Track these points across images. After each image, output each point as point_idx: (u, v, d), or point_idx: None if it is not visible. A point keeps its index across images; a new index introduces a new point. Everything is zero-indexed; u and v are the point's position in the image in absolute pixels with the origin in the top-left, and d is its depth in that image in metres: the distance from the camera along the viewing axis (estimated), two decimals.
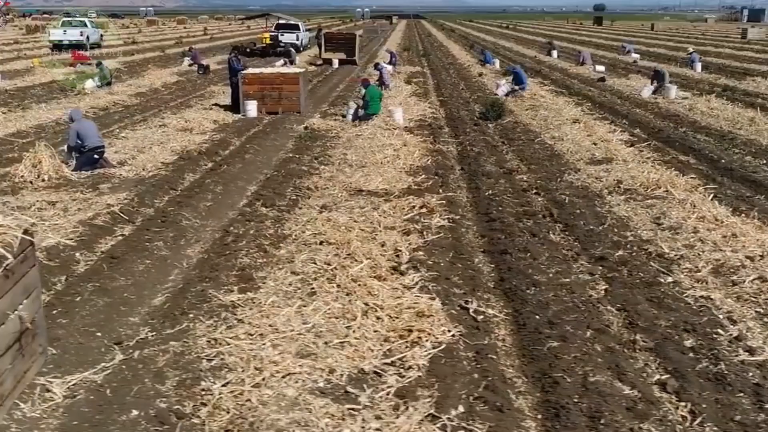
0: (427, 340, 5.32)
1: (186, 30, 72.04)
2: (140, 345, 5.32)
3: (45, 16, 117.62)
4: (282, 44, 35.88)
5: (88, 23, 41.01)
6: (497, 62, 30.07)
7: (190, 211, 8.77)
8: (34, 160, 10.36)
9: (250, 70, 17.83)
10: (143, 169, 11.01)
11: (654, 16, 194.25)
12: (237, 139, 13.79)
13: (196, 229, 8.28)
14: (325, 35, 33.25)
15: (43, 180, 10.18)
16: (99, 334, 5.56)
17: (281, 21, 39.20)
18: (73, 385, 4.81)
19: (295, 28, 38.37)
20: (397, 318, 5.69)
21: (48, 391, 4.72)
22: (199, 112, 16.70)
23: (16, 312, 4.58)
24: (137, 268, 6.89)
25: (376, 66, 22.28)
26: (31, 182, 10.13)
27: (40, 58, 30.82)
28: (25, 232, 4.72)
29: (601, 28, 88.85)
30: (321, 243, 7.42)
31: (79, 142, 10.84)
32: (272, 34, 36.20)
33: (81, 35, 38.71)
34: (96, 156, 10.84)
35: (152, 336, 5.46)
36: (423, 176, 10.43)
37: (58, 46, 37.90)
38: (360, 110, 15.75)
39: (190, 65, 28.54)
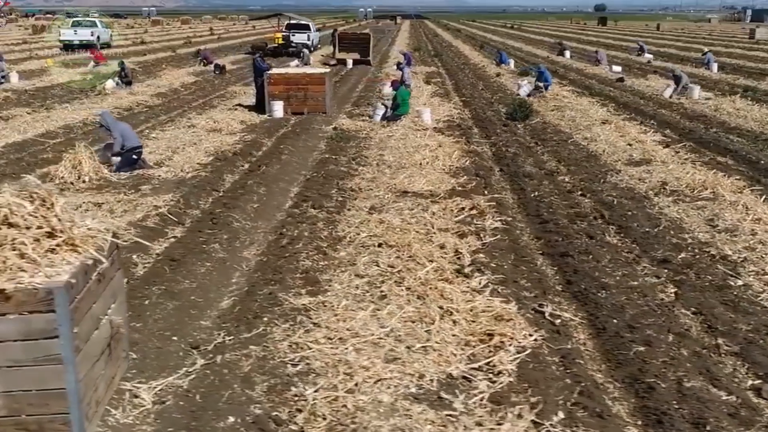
0: (510, 345, 5.25)
1: (192, 30, 71.98)
2: (219, 349, 5.25)
3: (48, 15, 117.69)
4: (293, 44, 35.83)
5: (98, 23, 40.96)
6: (512, 62, 30.00)
7: (238, 212, 8.69)
8: (74, 161, 10.29)
9: (276, 71, 17.76)
10: (181, 170, 10.96)
11: (656, 16, 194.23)
12: (268, 139, 13.72)
13: (247, 231, 8.21)
14: (339, 35, 33.19)
15: (84, 181, 10.12)
16: (175, 338, 5.49)
17: (292, 21, 39.12)
18: (159, 390, 4.73)
19: (306, 28, 38.31)
20: (473, 321, 5.62)
21: (136, 396, 4.65)
22: (224, 113, 16.64)
23: (107, 316, 4.52)
24: (198, 271, 6.81)
25: (399, 66, 22.21)
26: (71, 183, 10.07)
27: (53, 58, 30.73)
28: (113, 235, 4.66)
29: (606, 28, 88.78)
30: (379, 245, 7.35)
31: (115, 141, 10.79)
32: (284, 34, 36.11)
33: (92, 35, 38.68)
34: (135, 157, 10.77)
35: (230, 340, 5.39)
36: (465, 177, 10.36)
37: (68, 46, 37.87)
38: (388, 111, 15.68)
39: (204, 65, 28.48)
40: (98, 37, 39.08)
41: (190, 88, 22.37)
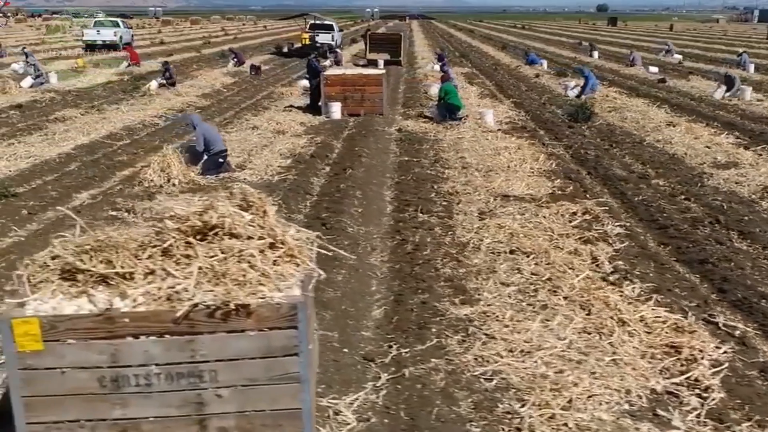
0: (702, 358, 5.05)
1: (205, 30, 71.70)
2: (400, 362, 5.05)
3: (55, 15, 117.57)
4: (318, 44, 35.61)
5: (120, 23, 40.75)
6: (545, 63, 29.77)
7: (346, 217, 8.49)
8: (163, 163, 10.10)
9: (332, 71, 17.57)
10: (265, 173, 10.78)
11: (661, 16, 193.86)
12: (335, 141, 13.52)
13: (363, 236, 8.00)
14: (370, 36, 32.99)
15: (174, 185, 9.93)
16: (345, 350, 5.29)
17: (316, 21, 38.92)
18: (357, 407, 4.54)
19: (330, 28, 38.07)
20: (650, 333, 5.43)
21: (338, 414, 4.45)
22: (280, 114, 16.46)
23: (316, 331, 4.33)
24: (336, 278, 6.60)
25: (442, 66, 22.01)
26: (161, 186, 9.89)
27: (82, 58, 30.46)
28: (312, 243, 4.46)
29: (616, 28, 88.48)
30: (511, 252, 7.16)
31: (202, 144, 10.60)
32: (309, 34, 35.91)
33: (115, 35, 38.45)
34: (221, 160, 10.58)
35: (406, 353, 5.18)
36: (558, 181, 10.17)
37: (91, 47, 37.64)
38: (445, 111, 15.46)
39: (236, 66, 28.25)
40: (121, 38, 38.87)
41: (232, 88, 22.16)
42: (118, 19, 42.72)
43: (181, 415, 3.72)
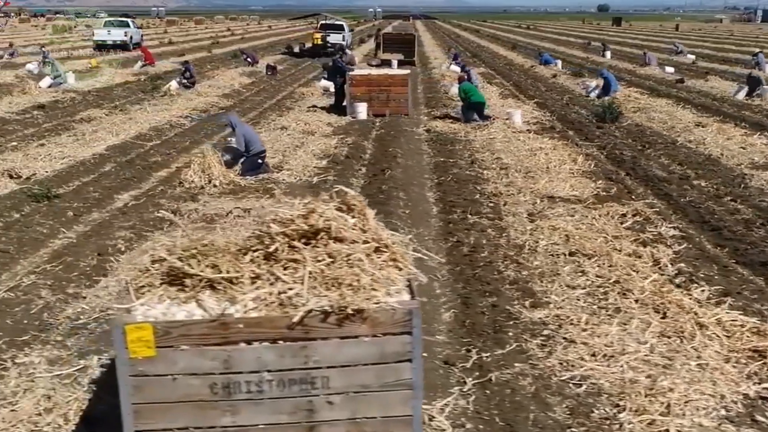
0: None
1: (210, 30, 71.63)
2: (484, 367, 4.98)
3: (58, 15, 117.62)
4: (330, 45, 35.57)
5: (130, 23, 40.72)
6: (559, 63, 29.71)
7: (395, 219, 8.42)
8: (203, 164, 10.04)
9: (358, 71, 17.51)
10: (303, 174, 10.72)
11: (664, 16, 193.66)
12: (366, 141, 13.46)
13: (416, 238, 7.92)
14: (383, 36, 32.93)
15: (215, 186, 9.87)
16: (425, 354, 5.21)
17: (327, 21, 38.86)
18: (449, 412, 4.48)
19: (340, 28, 38.02)
20: (730, 337, 5.36)
21: (431, 419, 4.39)
22: (304, 114, 16.39)
23: None
24: None
25: (464, 68, 21.97)
26: (202, 187, 9.83)
27: (96, 58, 30.39)
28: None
29: (621, 29, 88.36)
30: (571, 254, 7.10)
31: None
32: (321, 34, 35.84)
33: (125, 35, 38.42)
34: (260, 161, 10.52)
35: (487, 357, 5.12)
36: (600, 182, 10.11)
37: (101, 46, 37.60)
38: (470, 111, 15.39)
39: (250, 65, 28.18)
40: (131, 38, 38.84)
41: (251, 88, 22.10)
42: (128, 19, 42.60)
43: (292, 423, 3.66)
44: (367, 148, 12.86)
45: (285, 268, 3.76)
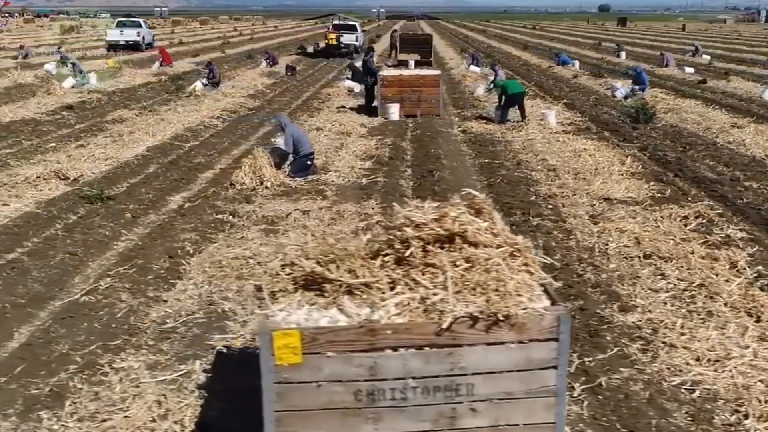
0: None
1: (217, 30, 71.54)
2: (588, 372, 4.92)
3: (62, 15, 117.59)
4: (343, 45, 35.52)
5: (142, 24, 40.67)
6: (577, 63, 29.65)
7: None
8: (254, 166, 9.98)
9: (389, 72, 17.45)
10: (351, 175, 10.65)
11: (661, 16, 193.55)
12: (404, 142, 13.40)
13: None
14: (400, 36, 32.87)
15: (267, 187, 9.81)
16: None
17: (340, 22, 38.79)
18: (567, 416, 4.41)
19: (353, 29, 37.96)
20: None
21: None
22: (335, 115, 16.33)
23: None
24: None
25: (493, 67, 21.92)
26: (253, 189, 9.76)
27: (112, 59, 30.28)
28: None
29: (628, 29, 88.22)
30: (646, 256, 7.05)
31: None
32: (335, 34, 35.76)
33: (138, 36, 38.38)
34: (309, 162, 10.45)
35: (590, 362, 5.06)
36: (652, 183, 10.05)
37: (114, 47, 37.53)
38: (505, 110, 15.33)
39: (269, 66, 28.11)
40: (143, 38, 38.79)
41: (274, 89, 22.03)
42: (140, 20, 42.55)
43: (434, 430, 3.60)
44: (406, 149, 12.81)
45: (423, 273, 3.71)
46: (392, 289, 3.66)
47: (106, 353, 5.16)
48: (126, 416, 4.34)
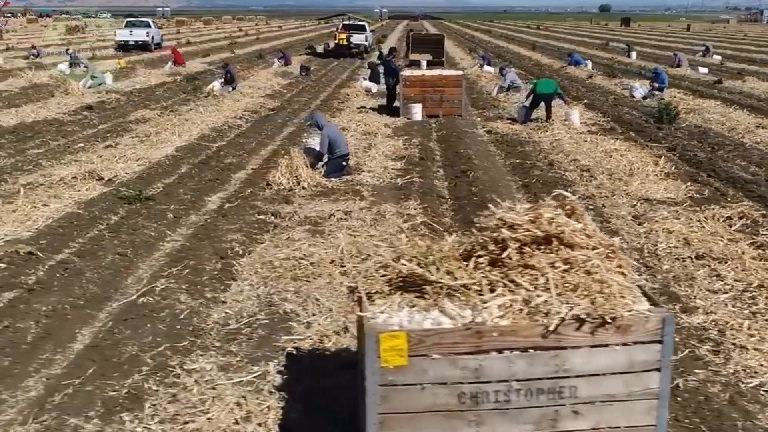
0: None
1: (222, 30, 71.51)
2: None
3: (65, 15, 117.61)
4: (353, 45, 35.53)
5: (151, 24, 40.65)
6: (589, 63, 29.63)
7: None
8: (291, 166, 9.96)
9: (411, 72, 17.43)
10: (384, 176, 10.63)
11: (662, 16, 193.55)
12: (430, 143, 13.39)
13: None
14: (413, 36, 32.86)
15: (303, 188, 9.79)
16: None
17: (349, 22, 38.78)
18: None
19: (362, 29, 37.96)
20: None
21: None
22: (357, 115, 16.32)
23: None
24: None
25: (501, 71, 21.91)
26: (290, 189, 9.74)
27: (124, 59, 30.26)
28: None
29: (632, 29, 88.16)
30: (698, 257, 7.03)
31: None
32: (346, 34, 35.77)
33: (147, 36, 38.35)
34: (344, 163, 10.43)
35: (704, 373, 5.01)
36: (688, 184, 10.03)
37: (123, 47, 37.51)
38: (530, 110, 15.32)
39: (281, 66, 28.10)
40: (152, 38, 38.77)
41: (290, 89, 22.01)
42: (149, 20, 42.55)
43: None
44: (435, 150, 12.79)
45: (522, 275, 3.69)
46: (492, 290, 3.65)
47: (175, 355, 5.14)
48: (208, 418, 4.31)
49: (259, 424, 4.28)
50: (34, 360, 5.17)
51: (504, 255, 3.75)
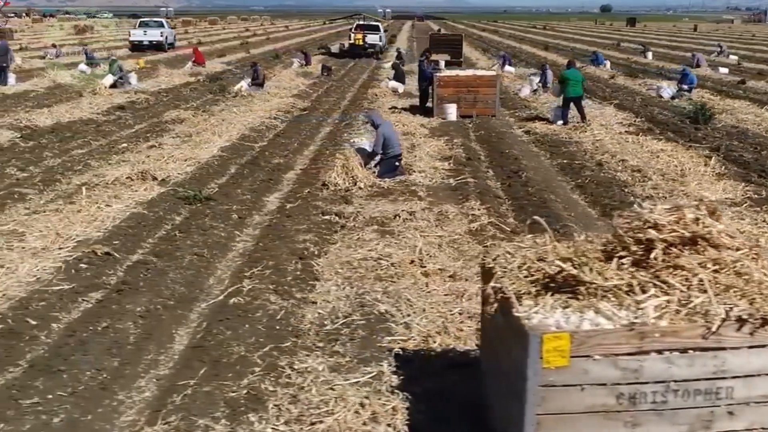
0: None
1: (229, 31, 71.60)
2: None
3: (68, 16, 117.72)
4: (368, 45, 35.57)
5: (165, 24, 40.67)
6: (608, 63, 29.67)
7: (564, 221, 8.35)
8: (347, 166, 9.95)
9: (446, 72, 17.43)
10: (435, 176, 10.63)
11: (663, 16, 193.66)
12: (470, 143, 13.41)
13: None
14: (430, 36, 32.87)
15: (360, 188, 9.78)
16: None
17: (363, 22, 38.83)
18: None
19: (377, 29, 38.00)
20: None
21: None
22: (390, 116, 16.16)
23: None
24: None
25: (542, 67, 21.94)
26: (347, 189, 9.74)
27: (142, 59, 30.25)
28: None
29: (639, 30, 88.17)
30: None
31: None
32: (361, 34, 35.79)
33: (161, 36, 38.38)
34: (397, 163, 10.43)
35: None
36: (743, 184, 10.03)
37: (137, 47, 37.53)
38: (565, 111, 15.32)
39: (300, 66, 28.13)
40: (166, 38, 38.79)
41: (315, 89, 22.03)
42: (162, 20, 42.59)
43: None
44: (477, 150, 12.80)
45: (674, 276, 3.68)
46: (644, 291, 3.64)
47: (282, 355, 5.13)
48: (336, 420, 4.31)
49: (389, 425, 4.27)
50: (140, 360, 5.17)
51: (651, 256, 3.75)
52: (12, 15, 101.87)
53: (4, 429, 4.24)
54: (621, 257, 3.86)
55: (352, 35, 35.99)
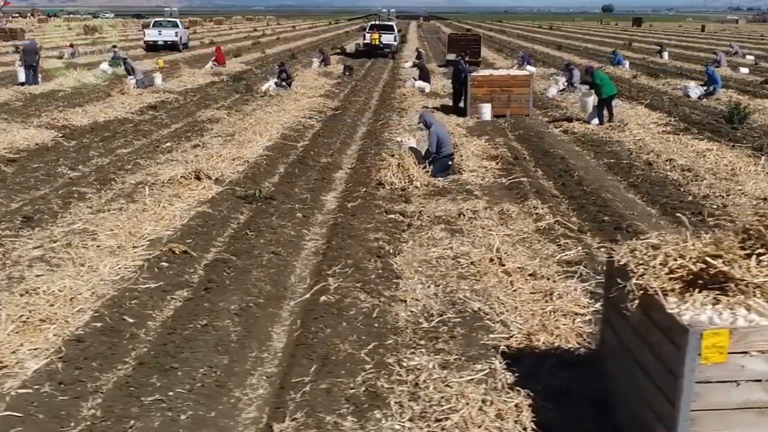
0: None
1: (236, 31, 71.70)
2: None
3: (72, 16, 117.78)
4: (383, 45, 35.60)
5: (179, 24, 40.68)
6: (627, 63, 29.68)
7: (629, 219, 8.36)
8: (403, 166, 9.97)
9: (480, 72, 17.44)
10: (486, 175, 10.65)
11: (665, 17, 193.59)
12: (511, 142, 13.43)
13: None
14: (449, 36, 32.88)
15: (416, 187, 9.80)
16: None
17: (378, 23, 38.86)
18: None
19: (391, 29, 38.00)
20: None
21: None
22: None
23: None
24: None
25: (568, 66, 21.93)
26: (403, 189, 9.75)
27: (161, 59, 30.24)
28: None
29: (647, 30, 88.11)
30: None
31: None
32: (377, 34, 35.81)
33: (176, 36, 38.37)
34: (449, 162, 10.45)
35: None
36: None
37: (152, 47, 37.53)
38: (601, 111, 15.32)
39: (320, 65, 28.14)
40: (181, 38, 38.79)
41: (341, 89, 22.03)
42: (177, 20, 42.61)
43: None
44: (520, 149, 12.81)
45: None
46: None
47: (388, 352, 5.14)
48: (461, 416, 4.32)
49: (516, 422, 4.28)
50: (246, 358, 5.20)
51: None
52: (17, 15, 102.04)
53: (135, 426, 4.26)
54: (759, 254, 3.89)
55: (368, 35, 36.01)
